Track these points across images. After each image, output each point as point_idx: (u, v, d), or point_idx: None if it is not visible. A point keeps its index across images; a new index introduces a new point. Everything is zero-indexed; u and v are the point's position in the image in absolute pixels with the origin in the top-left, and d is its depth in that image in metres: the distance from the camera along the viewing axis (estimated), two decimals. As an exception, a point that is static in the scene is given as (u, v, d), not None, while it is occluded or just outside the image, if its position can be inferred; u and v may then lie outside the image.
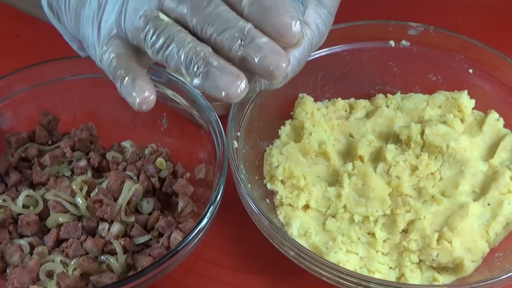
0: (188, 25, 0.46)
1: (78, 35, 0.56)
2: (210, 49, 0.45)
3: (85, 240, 0.63)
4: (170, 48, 0.46)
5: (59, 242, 0.64)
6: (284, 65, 0.44)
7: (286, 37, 0.44)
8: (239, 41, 0.44)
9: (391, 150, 0.71)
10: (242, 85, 0.44)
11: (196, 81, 0.45)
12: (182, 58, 0.45)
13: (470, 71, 0.77)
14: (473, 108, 0.76)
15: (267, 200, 0.69)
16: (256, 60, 0.44)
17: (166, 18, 0.47)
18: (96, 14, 0.52)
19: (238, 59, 0.45)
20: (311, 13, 0.51)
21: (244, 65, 0.45)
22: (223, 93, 0.44)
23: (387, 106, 0.77)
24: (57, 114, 0.74)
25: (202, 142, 0.69)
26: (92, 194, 0.66)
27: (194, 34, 0.46)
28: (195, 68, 0.45)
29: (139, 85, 0.47)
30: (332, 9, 0.53)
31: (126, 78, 0.47)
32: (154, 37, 0.46)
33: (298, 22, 0.44)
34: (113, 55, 0.49)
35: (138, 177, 0.69)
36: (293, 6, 0.47)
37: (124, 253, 0.63)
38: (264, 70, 0.44)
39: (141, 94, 0.47)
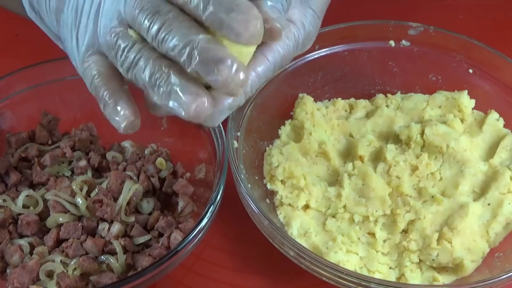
0: (151, 40, 0.44)
1: (60, 37, 0.55)
2: (176, 66, 0.43)
3: (85, 240, 0.63)
4: (137, 67, 0.44)
5: (59, 242, 0.64)
6: (239, 77, 0.41)
7: (243, 38, 0.41)
8: (190, 57, 0.42)
9: (391, 150, 0.71)
10: (203, 104, 0.42)
11: (162, 101, 0.43)
12: (147, 77, 0.44)
13: (470, 71, 0.77)
14: (473, 108, 0.76)
15: (267, 200, 0.69)
16: (207, 76, 0.41)
17: (134, 34, 0.45)
18: (73, 23, 0.50)
19: (195, 75, 0.43)
20: (295, 12, 0.50)
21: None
22: (183, 113, 0.43)
23: (387, 106, 0.77)
24: (57, 114, 0.74)
25: (202, 142, 0.69)
26: (92, 194, 0.66)
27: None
28: (160, 89, 0.43)
29: (122, 109, 0.45)
30: (318, 12, 0.53)
31: (109, 102, 0.46)
32: (123, 56, 0.45)
33: (258, 21, 0.41)
34: (95, 72, 0.48)
35: (138, 177, 0.69)
36: (252, 6, 0.42)
37: (124, 253, 0.63)
38: (217, 85, 0.42)
39: (125, 118, 0.46)
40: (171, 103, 0.43)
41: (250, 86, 0.48)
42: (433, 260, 0.65)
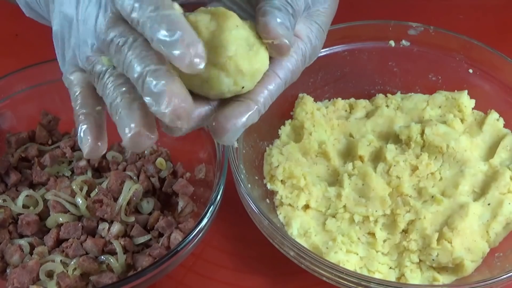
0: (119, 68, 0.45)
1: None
2: (130, 94, 0.44)
3: (85, 240, 0.63)
4: (105, 93, 0.46)
5: (59, 242, 0.64)
6: (181, 110, 0.41)
7: (186, 70, 0.41)
8: (140, 87, 0.42)
9: (391, 150, 0.71)
10: (136, 135, 0.43)
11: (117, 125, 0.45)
12: (108, 103, 0.45)
13: (470, 71, 0.77)
14: (473, 108, 0.76)
15: (267, 200, 0.69)
16: (152, 108, 0.42)
17: (106, 62, 0.47)
18: (60, 34, 0.51)
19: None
20: (302, 27, 0.51)
21: None
22: (123, 141, 0.44)
23: (387, 106, 0.77)
24: (57, 114, 0.74)
25: (202, 142, 0.69)
26: (92, 194, 0.66)
27: None
28: (115, 116, 0.45)
29: (85, 136, 0.47)
30: (323, 25, 0.53)
31: (80, 125, 0.47)
32: (97, 83, 0.47)
33: (193, 51, 0.41)
34: (76, 89, 0.49)
35: (138, 177, 0.69)
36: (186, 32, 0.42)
37: (124, 253, 0.63)
38: (161, 116, 0.42)
39: (88, 145, 0.47)
40: (119, 130, 0.45)
41: (263, 104, 0.48)
42: (433, 260, 0.65)
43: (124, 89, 0.45)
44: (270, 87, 0.49)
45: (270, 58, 0.48)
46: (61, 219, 0.65)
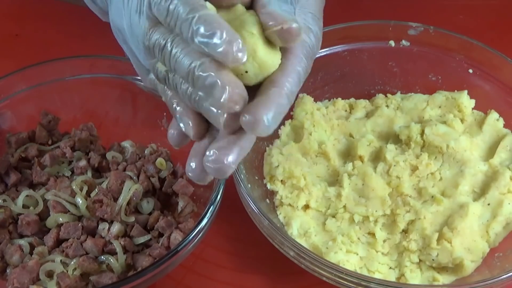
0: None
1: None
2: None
3: (85, 240, 0.63)
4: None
5: (59, 242, 0.64)
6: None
7: (229, 63, 0.43)
8: (191, 84, 0.44)
9: (391, 150, 0.71)
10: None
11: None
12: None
13: (470, 71, 0.77)
14: (473, 108, 0.76)
15: (267, 200, 0.69)
16: (207, 101, 0.44)
17: (161, 67, 0.48)
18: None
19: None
20: (298, 19, 0.51)
21: None
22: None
23: (387, 106, 0.77)
24: (57, 114, 0.74)
25: (202, 142, 0.69)
26: (92, 194, 0.66)
27: None
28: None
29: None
30: (317, 13, 0.53)
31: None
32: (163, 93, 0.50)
33: (235, 46, 0.42)
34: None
35: (138, 177, 0.69)
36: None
37: (124, 253, 0.63)
38: (218, 107, 0.44)
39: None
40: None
41: (290, 91, 0.47)
42: (433, 260, 0.65)
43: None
44: (292, 75, 0.48)
45: (283, 52, 0.48)
46: (61, 219, 0.65)
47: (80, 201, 0.65)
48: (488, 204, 0.67)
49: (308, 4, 0.53)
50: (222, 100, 0.43)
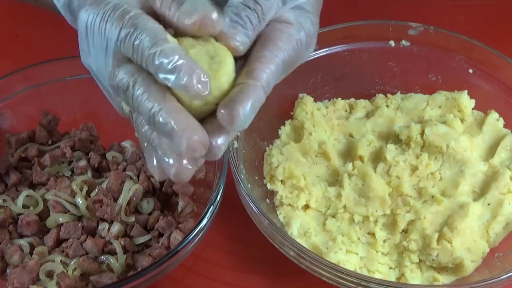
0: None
1: None
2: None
3: (85, 240, 0.63)
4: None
5: (59, 242, 0.64)
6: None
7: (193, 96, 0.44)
8: (153, 128, 0.45)
9: (391, 150, 0.71)
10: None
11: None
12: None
13: (470, 71, 0.77)
14: (473, 108, 0.76)
15: (267, 200, 0.69)
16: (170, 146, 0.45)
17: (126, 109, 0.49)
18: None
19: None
20: (290, 15, 0.51)
21: None
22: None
23: (387, 106, 0.77)
24: (57, 114, 0.74)
25: (202, 142, 0.69)
26: (92, 194, 0.66)
27: None
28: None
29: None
30: (310, 8, 0.53)
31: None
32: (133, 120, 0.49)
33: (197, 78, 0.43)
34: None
35: (138, 177, 0.68)
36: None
37: (124, 253, 0.63)
38: (180, 152, 0.45)
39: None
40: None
41: (266, 82, 0.47)
42: (433, 260, 0.65)
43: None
44: (271, 66, 0.48)
45: (265, 40, 0.48)
46: (61, 219, 0.65)
47: (80, 201, 0.65)
48: (488, 204, 0.67)
49: (305, 3, 0.53)
50: (181, 148, 0.43)
